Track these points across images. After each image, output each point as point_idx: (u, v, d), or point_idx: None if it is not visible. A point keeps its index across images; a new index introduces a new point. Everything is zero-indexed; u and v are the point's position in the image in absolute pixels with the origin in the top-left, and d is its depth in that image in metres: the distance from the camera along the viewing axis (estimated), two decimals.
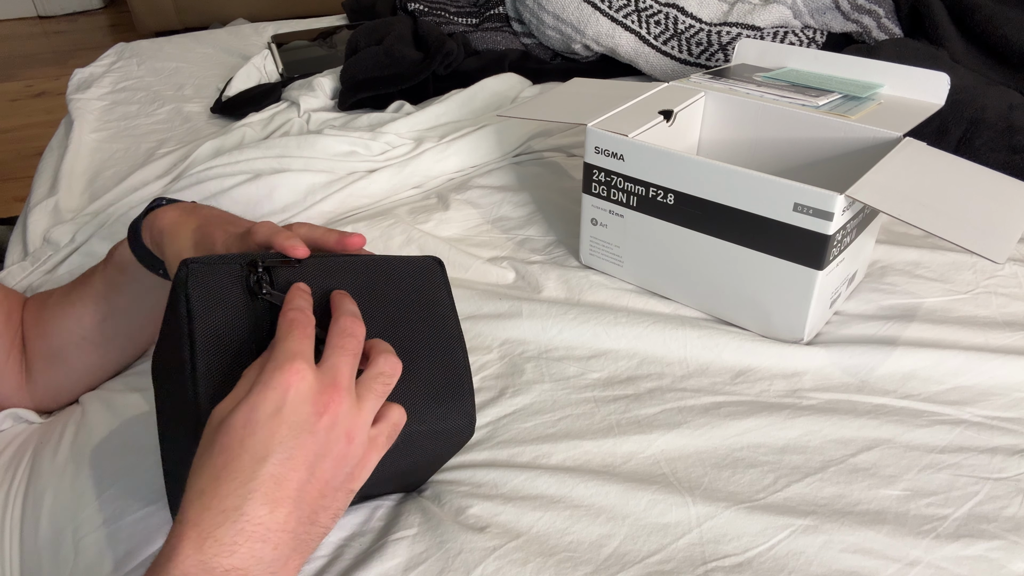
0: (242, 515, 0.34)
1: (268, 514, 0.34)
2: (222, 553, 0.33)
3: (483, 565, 0.46)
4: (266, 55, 1.31)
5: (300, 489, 0.36)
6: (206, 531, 0.33)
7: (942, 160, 0.61)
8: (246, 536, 0.34)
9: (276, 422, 0.35)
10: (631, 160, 0.64)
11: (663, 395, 0.59)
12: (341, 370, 0.38)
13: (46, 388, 0.61)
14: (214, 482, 0.34)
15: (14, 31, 3.47)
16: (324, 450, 0.36)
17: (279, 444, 0.35)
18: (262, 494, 0.34)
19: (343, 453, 0.37)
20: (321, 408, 0.36)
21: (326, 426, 0.36)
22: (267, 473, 0.34)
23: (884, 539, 0.47)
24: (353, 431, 0.38)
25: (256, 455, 0.35)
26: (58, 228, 0.84)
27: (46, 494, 0.53)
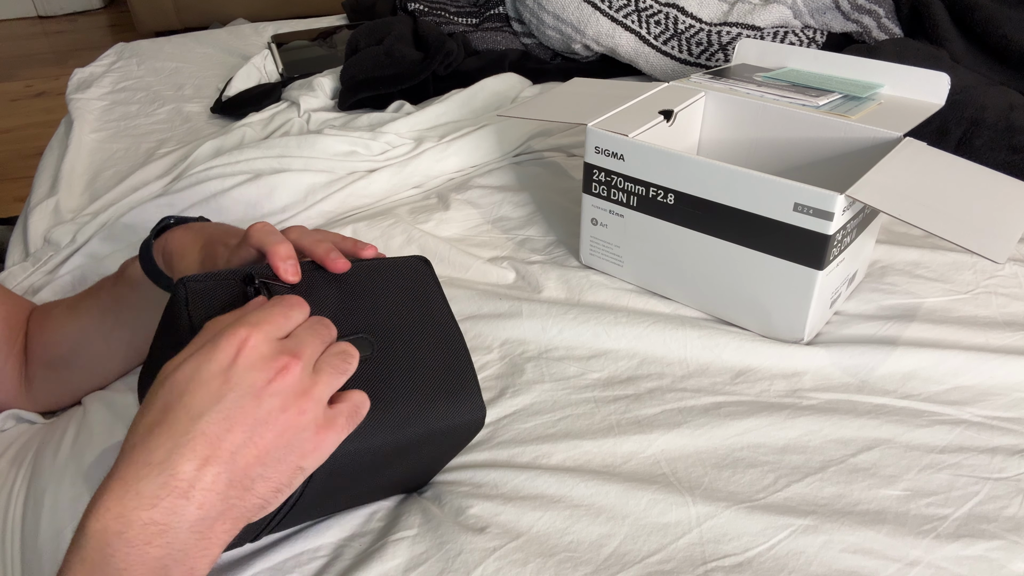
0: (166, 469, 0.33)
1: (195, 471, 0.33)
2: (143, 506, 0.32)
3: (483, 566, 0.46)
4: (266, 55, 1.31)
5: (234, 452, 0.34)
6: (129, 483, 0.33)
7: (942, 160, 0.61)
8: (168, 490, 0.33)
9: (220, 380, 0.35)
10: (631, 160, 0.64)
11: (663, 395, 0.59)
12: (302, 346, 0.37)
13: (46, 394, 0.62)
14: (146, 435, 0.34)
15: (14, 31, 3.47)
16: (267, 417, 0.35)
17: (218, 402, 0.34)
18: (190, 450, 0.33)
19: (289, 424, 0.35)
20: (271, 375, 0.35)
21: (272, 393, 0.35)
22: (199, 430, 0.33)
23: (884, 539, 0.47)
24: (304, 405, 0.36)
25: (192, 411, 0.34)
26: (59, 228, 0.84)
27: (46, 494, 0.53)
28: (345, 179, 0.88)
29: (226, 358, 0.35)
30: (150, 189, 0.90)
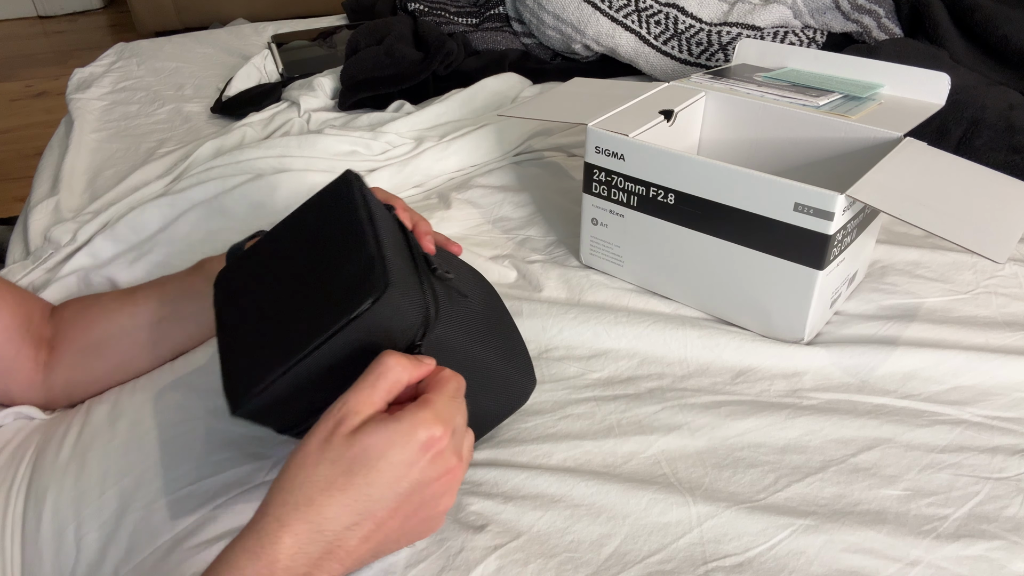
0: (336, 541, 0.37)
1: (356, 544, 0.38)
2: (307, 563, 0.36)
3: (484, 564, 0.46)
4: (266, 55, 1.30)
5: (388, 532, 0.39)
6: (301, 543, 0.36)
7: (942, 160, 0.61)
8: (331, 558, 0.37)
9: (404, 471, 0.38)
10: (632, 160, 0.64)
11: (663, 395, 0.59)
12: (462, 446, 0.42)
13: (67, 383, 0.61)
14: (326, 495, 0.37)
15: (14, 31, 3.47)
16: (421, 505, 0.40)
17: (395, 491, 0.38)
18: (360, 528, 0.37)
19: (438, 512, 0.42)
20: (440, 476, 0.40)
21: (433, 493, 0.40)
22: (371, 512, 0.38)
23: (885, 539, 0.47)
24: (452, 496, 0.42)
25: (373, 494, 0.37)
26: (59, 227, 0.84)
27: (48, 492, 0.53)
28: None
29: (416, 454, 0.38)
30: (151, 189, 0.90)
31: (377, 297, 0.40)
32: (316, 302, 0.43)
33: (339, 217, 0.46)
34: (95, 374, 0.62)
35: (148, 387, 0.61)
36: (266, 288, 0.46)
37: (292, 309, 0.43)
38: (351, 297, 0.41)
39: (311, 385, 0.42)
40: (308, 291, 0.44)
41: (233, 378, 0.43)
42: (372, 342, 0.42)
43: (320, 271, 0.44)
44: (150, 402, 0.59)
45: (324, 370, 0.41)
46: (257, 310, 0.45)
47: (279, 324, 0.43)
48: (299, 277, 0.45)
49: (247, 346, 0.44)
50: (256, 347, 0.43)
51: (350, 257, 0.43)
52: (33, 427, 0.60)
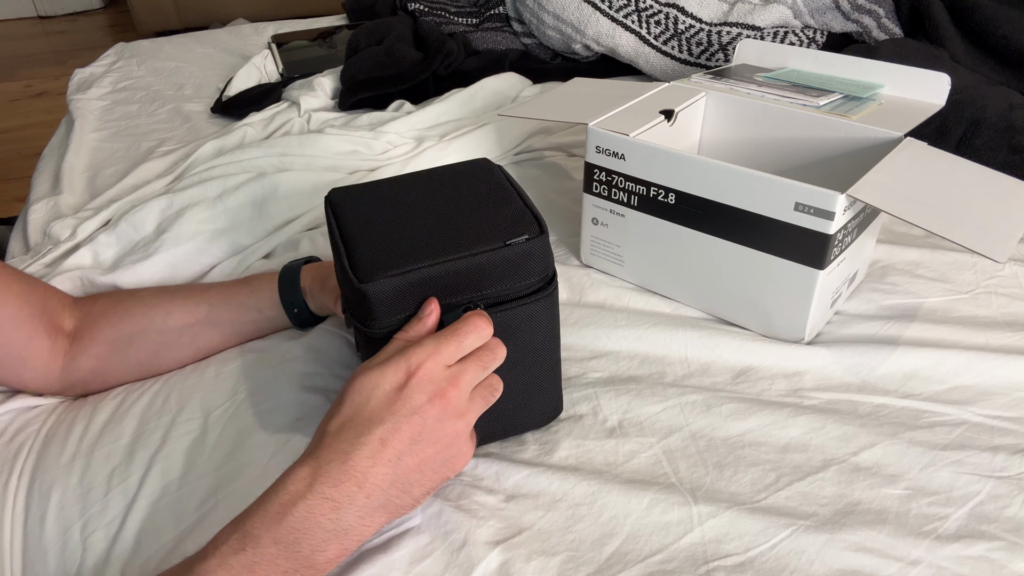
0: (348, 459, 0.41)
1: (369, 467, 0.41)
2: (327, 483, 0.40)
3: (487, 560, 0.46)
4: (266, 55, 1.31)
5: (398, 458, 0.42)
6: (320, 464, 0.41)
7: (943, 160, 0.61)
8: (347, 477, 0.40)
9: (395, 396, 0.42)
10: (632, 159, 0.64)
11: (664, 394, 0.59)
12: (466, 376, 0.44)
13: (91, 373, 0.62)
14: (338, 428, 0.42)
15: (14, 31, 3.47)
16: (427, 434, 0.42)
17: (392, 415, 0.41)
18: (369, 449, 0.41)
19: (446, 443, 0.43)
20: (435, 400, 0.42)
21: (434, 416, 0.42)
22: (376, 435, 0.41)
23: (885, 538, 0.47)
24: (459, 430, 0.44)
25: (373, 419, 0.41)
26: (58, 222, 0.84)
27: (53, 490, 0.53)
28: (347, 178, 0.88)
29: (402, 378, 0.43)
30: (152, 187, 0.90)
31: (531, 237, 0.48)
32: (467, 228, 0.48)
33: (483, 180, 0.53)
34: (121, 367, 0.62)
35: (155, 387, 0.61)
36: (398, 212, 0.50)
37: (438, 228, 0.49)
38: (506, 231, 0.48)
39: (432, 286, 0.46)
40: (455, 220, 0.49)
41: (366, 260, 0.46)
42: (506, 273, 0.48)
43: (467, 210, 0.50)
44: (156, 402, 0.59)
45: (452, 279, 0.46)
46: (391, 222, 0.49)
47: (424, 235, 0.48)
48: (441, 210, 0.50)
49: (384, 242, 0.47)
50: (394, 245, 0.47)
51: (499, 208, 0.50)
52: (27, 419, 0.60)
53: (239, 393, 0.59)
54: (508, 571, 0.46)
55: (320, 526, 0.40)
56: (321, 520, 0.40)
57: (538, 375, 0.54)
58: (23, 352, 0.59)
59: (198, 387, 0.60)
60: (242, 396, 0.58)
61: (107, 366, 0.62)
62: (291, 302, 0.63)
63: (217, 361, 0.63)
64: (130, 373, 0.62)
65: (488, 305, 0.48)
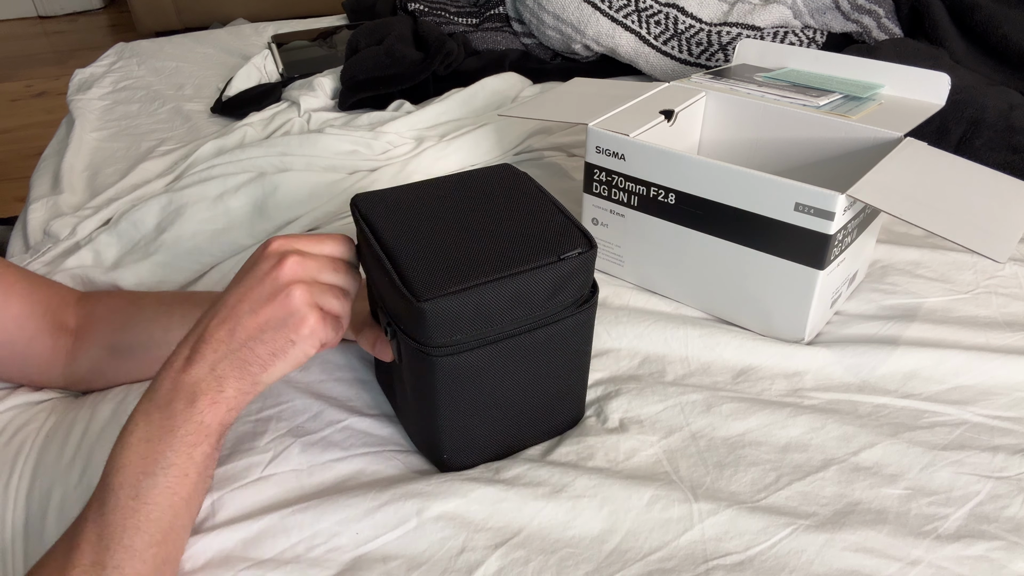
0: (202, 324, 0.47)
1: (215, 326, 0.46)
2: (187, 345, 0.46)
3: (485, 565, 0.46)
4: (266, 55, 1.31)
5: (240, 317, 0.46)
6: (186, 336, 0.47)
7: (943, 160, 0.61)
8: (200, 339, 0.46)
9: (244, 273, 0.47)
10: (632, 160, 0.64)
11: (665, 393, 0.59)
12: (308, 263, 0.47)
13: (92, 373, 0.62)
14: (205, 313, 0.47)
15: (14, 31, 3.47)
16: (267, 297, 0.46)
17: (239, 284, 0.47)
18: (216, 312, 0.46)
19: (282, 305, 0.46)
20: (274, 270, 0.46)
21: (273, 278, 0.46)
22: (223, 301, 0.46)
23: (885, 538, 0.47)
24: (294, 293, 0.46)
25: (226, 289, 0.47)
26: (58, 220, 0.84)
27: (54, 490, 0.53)
28: (348, 178, 0.88)
29: (252, 260, 0.47)
30: (152, 187, 0.90)
31: (583, 251, 0.48)
32: (517, 240, 0.48)
33: (515, 189, 0.53)
34: (121, 371, 0.62)
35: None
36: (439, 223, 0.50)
37: (485, 240, 0.48)
38: (558, 244, 0.48)
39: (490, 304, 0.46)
40: (500, 231, 0.49)
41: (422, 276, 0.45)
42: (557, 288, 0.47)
43: (511, 220, 0.50)
44: None
45: (510, 296, 0.46)
46: (433, 233, 0.49)
47: (473, 248, 0.47)
48: (482, 220, 0.50)
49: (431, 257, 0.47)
50: (446, 260, 0.46)
51: (543, 220, 0.50)
52: (31, 415, 0.60)
53: None
54: (508, 572, 0.46)
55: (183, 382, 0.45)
56: (182, 377, 0.45)
57: (571, 382, 0.54)
58: (25, 351, 0.59)
59: None
60: None
61: (107, 369, 0.62)
62: None
63: None
64: (131, 377, 0.62)
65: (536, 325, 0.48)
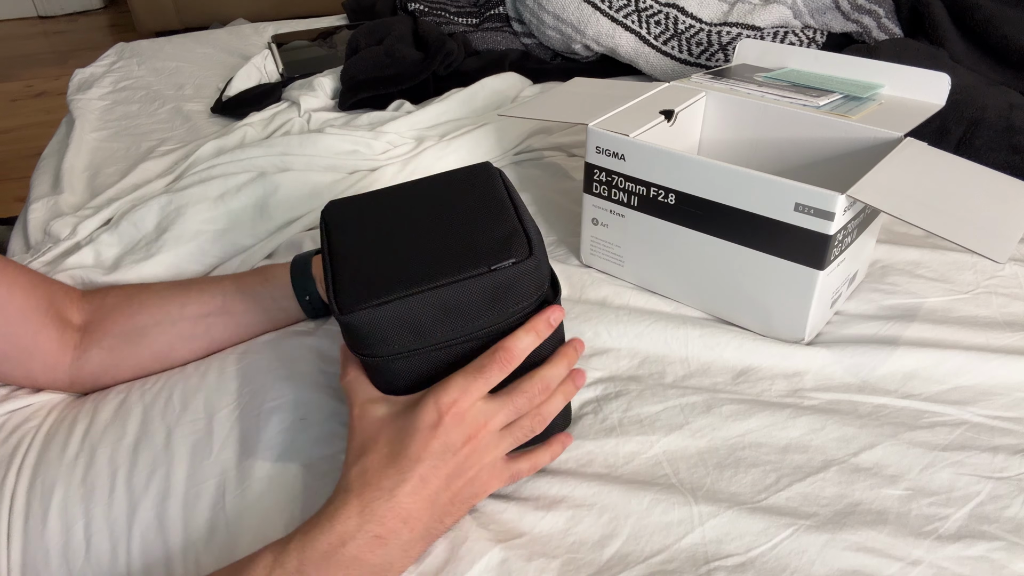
0: (393, 497, 0.43)
1: (411, 504, 0.43)
2: (374, 521, 0.42)
3: (487, 558, 0.46)
4: (266, 55, 1.31)
5: (436, 493, 0.44)
6: (366, 502, 0.43)
7: (943, 160, 0.61)
8: (393, 514, 0.43)
9: (430, 435, 0.44)
10: (632, 160, 0.64)
11: (665, 394, 0.59)
12: (496, 418, 0.46)
13: (101, 365, 0.62)
14: (377, 465, 0.44)
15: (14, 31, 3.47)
16: (461, 471, 0.45)
17: (430, 455, 0.44)
18: (411, 486, 0.43)
19: (474, 477, 0.46)
20: (468, 438, 0.45)
21: (467, 454, 0.45)
22: (417, 473, 0.43)
23: (886, 539, 0.47)
24: (485, 463, 0.46)
25: (411, 456, 0.43)
26: (58, 220, 0.84)
27: (56, 488, 0.53)
28: (348, 178, 0.88)
29: (434, 417, 0.44)
30: (153, 187, 0.90)
31: (518, 261, 0.45)
32: (453, 250, 0.46)
33: (480, 191, 0.51)
34: (133, 360, 0.62)
35: (157, 387, 0.61)
36: (388, 229, 0.49)
37: (424, 250, 0.47)
38: (494, 254, 0.46)
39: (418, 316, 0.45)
40: (442, 240, 0.47)
41: (348, 287, 0.45)
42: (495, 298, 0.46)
43: (457, 228, 0.48)
44: (160, 402, 0.59)
45: (439, 308, 0.45)
46: (378, 242, 0.48)
47: (409, 258, 0.46)
48: (430, 228, 0.49)
49: (367, 267, 0.46)
50: (379, 269, 0.46)
51: (492, 225, 0.48)
52: (28, 414, 0.60)
53: (243, 395, 0.59)
54: (508, 570, 0.46)
55: (367, 562, 0.42)
56: (369, 556, 0.42)
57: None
58: (30, 345, 0.59)
59: (201, 387, 0.60)
60: (247, 398, 0.58)
61: (120, 358, 0.62)
62: (304, 290, 0.63)
63: (219, 360, 0.62)
64: (143, 365, 0.62)
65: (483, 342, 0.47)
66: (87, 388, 0.63)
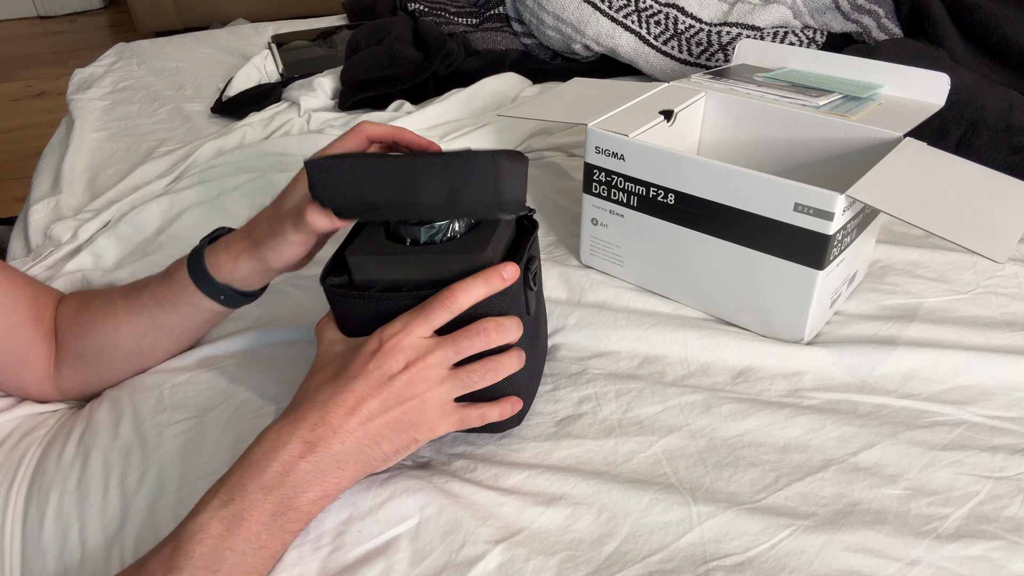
0: (325, 407, 0.45)
1: (342, 417, 0.45)
2: (306, 428, 0.45)
3: (486, 559, 0.46)
4: (266, 55, 1.31)
5: (371, 414, 0.46)
6: (301, 412, 0.46)
7: (942, 160, 0.61)
8: (324, 423, 0.45)
9: (369, 359, 0.47)
10: (632, 160, 0.64)
11: (664, 394, 0.59)
12: (435, 354, 0.48)
13: (74, 382, 0.62)
14: (318, 384, 0.47)
15: (14, 31, 3.47)
16: (399, 397, 0.47)
17: (365, 375, 0.46)
18: (343, 399, 0.46)
19: (413, 408, 0.47)
20: (406, 366, 0.47)
21: (406, 381, 0.47)
22: (351, 388, 0.46)
23: (885, 538, 0.47)
24: (426, 397, 0.48)
25: (349, 375, 0.47)
26: (59, 224, 0.84)
27: (52, 492, 0.53)
28: None
29: (375, 345, 0.47)
30: (152, 188, 0.90)
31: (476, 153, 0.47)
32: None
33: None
34: (96, 377, 0.62)
35: (148, 387, 0.61)
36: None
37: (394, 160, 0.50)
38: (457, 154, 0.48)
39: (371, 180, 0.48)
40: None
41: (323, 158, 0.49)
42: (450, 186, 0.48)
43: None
44: (151, 403, 0.59)
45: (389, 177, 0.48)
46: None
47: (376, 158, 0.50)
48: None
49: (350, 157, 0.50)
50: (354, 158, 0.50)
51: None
52: (38, 422, 0.60)
53: (236, 395, 0.59)
54: (507, 571, 0.46)
55: (300, 468, 0.44)
56: (301, 463, 0.44)
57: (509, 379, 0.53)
58: (26, 357, 0.59)
59: (190, 387, 0.60)
60: (239, 398, 0.59)
61: (87, 375, 0.62)
62: (215, 291, 0.57)
63: (211, 362, 0.62)
64: (113, 378, 0.62)
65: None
66: (74, 398, 0.63)
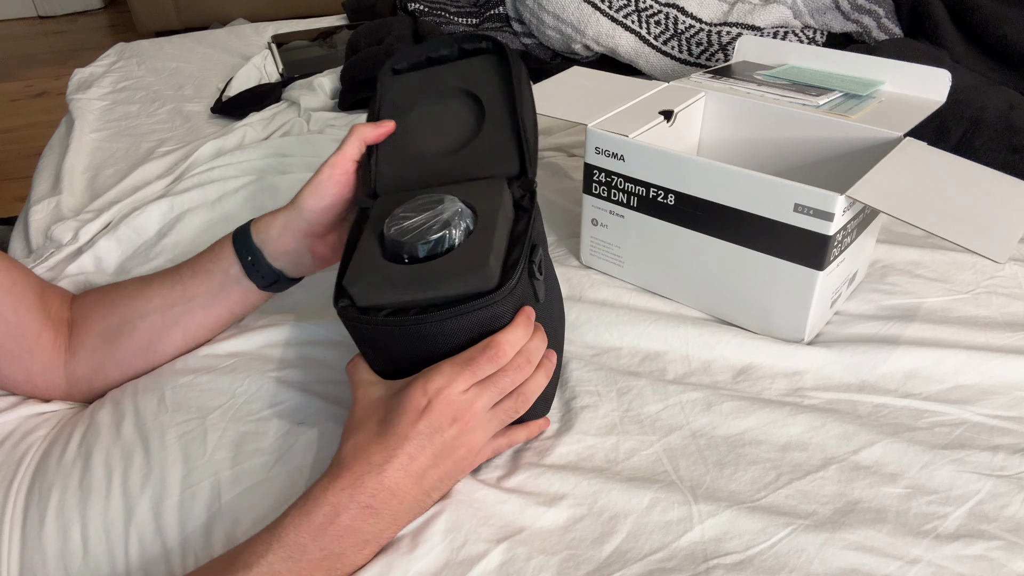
0: (383, 472, 0.45)
1: (399, 478, 0.46)
2: (365, 493, 0.45)
3: (487, 559, 0.46)
4: (266, 55, 1.31)
5: (424, 470, 0.47)
6: (357, 475, 0.45)
7: (942, 160, 0.61)
8: (383, 487, 0.45)
9: (418, 418, 0.46)
10: (631, 160, 0.65)
11: (665, 392, 0.59)
12: (480, 401, 0.48)
13: (87, 367, 0.62)
14: (367, 442, 0.46)
15: (14, 31, 3.47)
16: (449, 451, 0.47)
17: (417, 434, 0.46)
18: (399, 463, 0.46)
19: (461, 457, 0.48)
20: (454, 420, 0.47)
21: (455, 434, 0.47)
22: (405, 451, 0.46)
23: (885, 537, 0.47)
24: (473, 444, 0.48)
25: (400, 434, 0.46)
26: (60, 225, 0.84)
27: (53, 491, 0.53)
28: None
29: (423, 402, 0.46)
30: (152, 189, 0.90)
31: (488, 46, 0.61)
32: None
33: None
34: (116, 357, 0.62)
35: (150, 389, 0.61)
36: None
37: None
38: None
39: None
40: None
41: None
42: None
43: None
44: (152, 404, 0.59)
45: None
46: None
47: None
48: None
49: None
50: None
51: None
52: (39, 422, 0.60)
53: (237, 397, 0.59)
54: (508, 570, 0.46)
55: (361, 531, 0.45)
56: (362, 526, 0.45)
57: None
58: (34, 345, 0.60)
59: (192, 388, 0.60)
60: (240, 399, 0.59)
61: (103, 357, 0.62)
62: (246, 250, 0.60)
63: (212, 363, 0.63)
64: (128, 363, 0.63)
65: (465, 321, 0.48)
66: (82, 392, 0.63)
